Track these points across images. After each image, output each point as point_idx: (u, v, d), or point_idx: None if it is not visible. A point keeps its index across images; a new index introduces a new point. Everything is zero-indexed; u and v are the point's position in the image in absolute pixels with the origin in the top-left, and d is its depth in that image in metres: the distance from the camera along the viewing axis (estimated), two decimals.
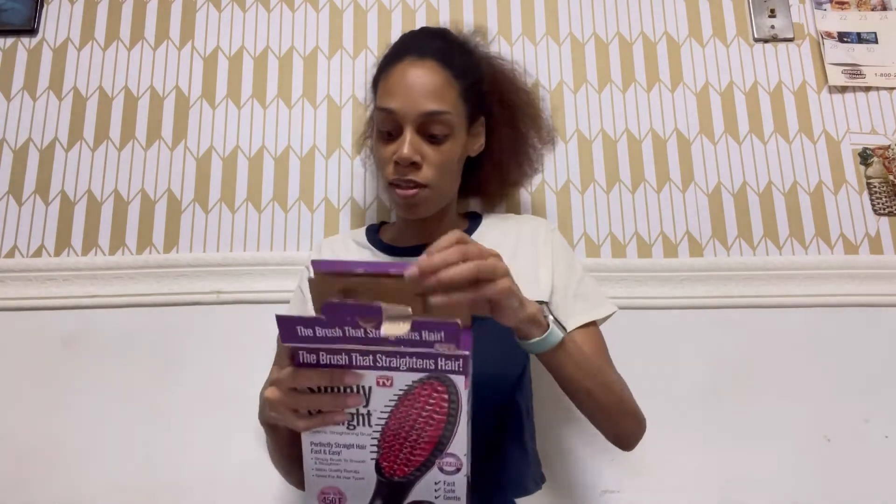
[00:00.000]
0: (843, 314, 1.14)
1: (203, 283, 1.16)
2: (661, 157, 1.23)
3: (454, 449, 0.63)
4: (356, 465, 0.64)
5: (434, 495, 0.64)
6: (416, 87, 0.84)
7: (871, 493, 1.06)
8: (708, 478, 1.08)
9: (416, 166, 0.84)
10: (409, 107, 0.83)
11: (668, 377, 1.11)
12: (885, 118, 1.25)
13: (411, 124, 0.84)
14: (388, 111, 0.85)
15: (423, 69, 0.85)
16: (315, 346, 0.60)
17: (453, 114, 0.85)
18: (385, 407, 0.63)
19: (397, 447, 0.64)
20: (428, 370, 0.61)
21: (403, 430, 0.63)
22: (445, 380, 0.61)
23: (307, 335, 0.59)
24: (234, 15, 1.30)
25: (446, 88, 0.85)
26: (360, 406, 0.62)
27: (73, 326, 1.14)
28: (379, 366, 0.61)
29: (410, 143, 0.83)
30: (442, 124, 0.84)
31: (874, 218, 1.20)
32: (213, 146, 1.23)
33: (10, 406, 1.11)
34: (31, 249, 1.19)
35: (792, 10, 1.31)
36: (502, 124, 0.98)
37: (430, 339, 0.59)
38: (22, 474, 1.08)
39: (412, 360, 0.61)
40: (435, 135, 0.85)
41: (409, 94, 0.84)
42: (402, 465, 0.64)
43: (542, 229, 0.96)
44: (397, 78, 0.85)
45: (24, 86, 1.27)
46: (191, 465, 1.07)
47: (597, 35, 1.29)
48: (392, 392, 0.62)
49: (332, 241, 1.04)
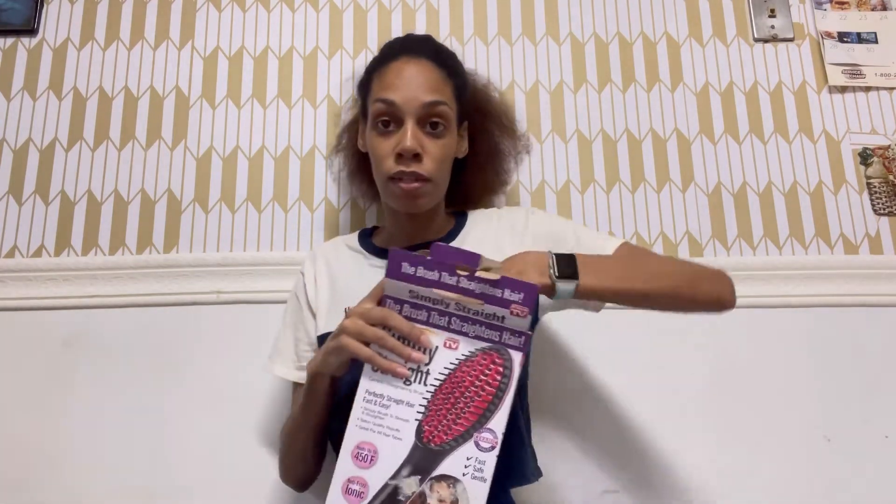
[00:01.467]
0: (843, 314, 1.14)
1: (203, 283, 1.15)
2: (661, 157, 1.23)
3: (494, 425, 0.66)
4: (400, 423, 0.67)
5: (463, 471, 0.65)
6: (415, 79, 0.86)
7: (871, 493, 1.06)
8: (708, 478, 1.08)
9: (418, 158, 0.85)
10: (409, 97, 0.85)
11: (668, 377, 1.11)
12: (885, 118, 1.25)
13: (412, 116, 0.85)
14: (388, 102, 0.86)
15: (420, 66, 0.87)
16: (411, 290, 0.67)
17: (450, 107, 0.88)
18: (444, 369, 0.67)
19: (444, 411, 0.66)
20: (492, 341, 0.67)
21: (454, 395, 0.66)
22: (504, 353, 0.67)
23: (409, 273, 0.67)
24: (234, 15, 1.30)
25: (442, 83, 0.88)
26: (422, 363, 0.67)
27: (73, 326, 1.14)
28: (451, 328, 0.68)
29: (413, 134, 0.84)
30: (441, 116, 0.86)
31: (874, 218, 1.20)
32: (213, 146, 1.23)
33: (10, 406, 1.11)
34: (31, 249, 1.19)
35: (792, 10, 1.31)
36: (482, 131, 1.01)
37: (509, 297, 0.66)
38: (22, 474, 1.08)
39: (481, 328, 0.67)
40: (435, 127, 0.86)
41: (409, 86, 0.85)
42: (443, 431, 0.66)
43: (520, 220, 0.96)
44: (395, 72, 0.87)
45: (24, 86, 1.27)
46: (190, 465, 1.07)
47: (597, 35, 1.29)
48: (455, 355, 0.67)
49: (326, 246, 1.04)
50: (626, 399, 1.10)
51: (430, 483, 0.65)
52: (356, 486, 0.66)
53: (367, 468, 0.66)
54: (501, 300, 0.66)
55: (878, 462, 1.08)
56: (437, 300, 0.68)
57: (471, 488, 0.64)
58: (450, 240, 0.95)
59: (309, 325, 0.94)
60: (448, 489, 0.65)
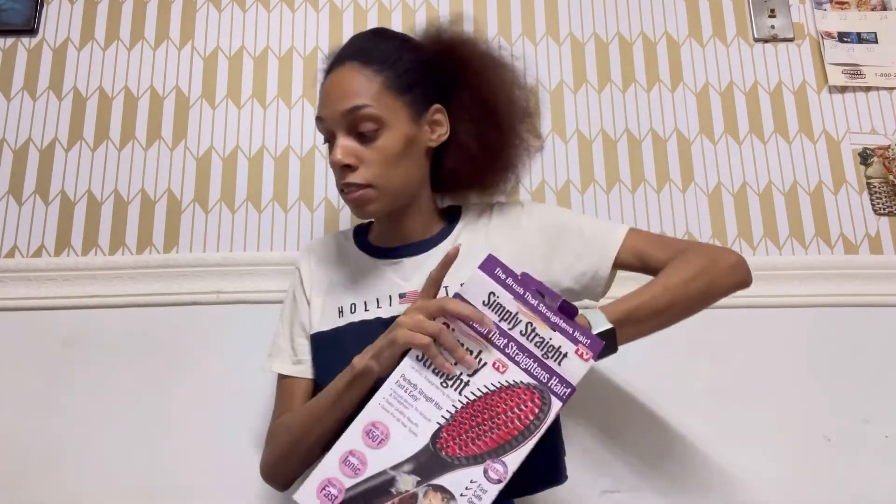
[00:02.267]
0: (843, 314, 1.14)
1: (203, 283, 1.16)
2: (661, 157, 1.23)
3: (509, 460, 0.65)
4: (422, 419, 0.67)
5: (462, 492, 0.64)
6: (335, 90, 0.85)
7: (871, 493, 1.06)
8: (708, 478, 1.08)
9: (350, 169, 0.84)
10: (331, 111, 0.85)
11: (668, 377, 1.11)
12: (885, 118, 1.25)
13: (339, 127, 0.84)
14: (319, 120, 0.87)
15: (342, 73, 0.86)
16: (492, 292, 0.69)
17: (376, 105, 0.84)
18: (484, 387, 0.67)
19: (467, 427, 0.66)
20: (539, 381, 0.67)
21: (483, 415, 0.67)
22: (546, 397, 0.67)
23: (500, 278, 0.69)
24: (234, 15, 1.30)
25: (364, 84, 0.84)
26: (465, 372, 0.68)
27: (73, 326, 1.14)
28: (505, 352, 0.68)
29: (340, 146, 0.84)
30: (366, 119, 0.83)
31: (874, 218, 1.20)
32: (213, 146, 1.23)
33: (10, 406, 1.11)
34: (31, 249, 1.19)
35: (792, 10, 1.31)
36: (467, 109, 0.91)
37: (577, 337, 0.68)
38: (22, 474, 1.08)
39: (533, 363, 0.68)
40: (364, 132, 0.84)
41: (331, 100, 0.85)
42: (459, 445, 0.66)
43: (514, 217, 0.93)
44: (324, 89, 0.88)
45: (24, 86, 1.27)
46: (190, 465, 1.07)
47: (597, 35, 1.29)
48: (499, 378, 0.68)
49: (320, 242, 1.02)
50: (627, 399, 1.10)
51: (426, 488, 0.64)
52: (355, 460, 0.66)
53: (373, 448, 0.66)
54: (572, 336, 0.68)
55: (878, 462, 1.08)
56: (505, 317, 0.68)
57: None
58: (437, 242, 0.92)
59: (305, 318, 0.93)
60: (441, 502, 0.64)
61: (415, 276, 0.89)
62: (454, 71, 0.91)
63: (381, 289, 0.89)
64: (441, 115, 0.90)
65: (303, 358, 0.91)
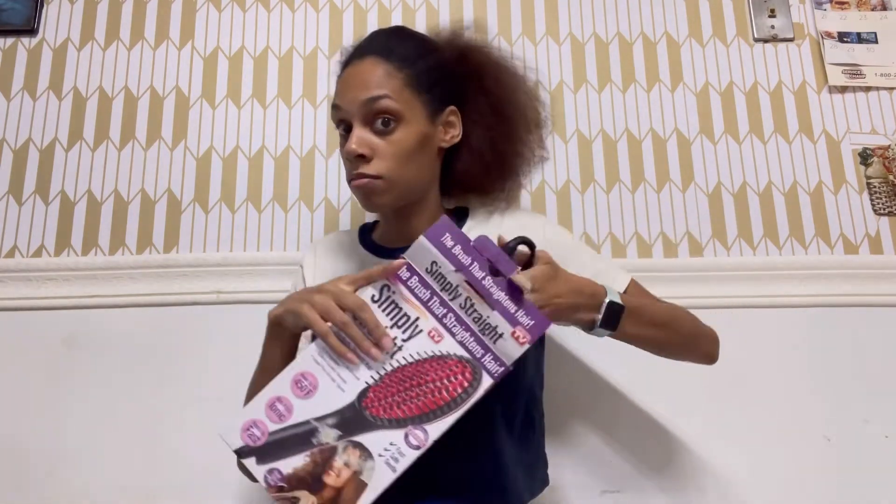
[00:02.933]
0: (843, 314, 1.14)
1: (203, 283, 1.16)
2: (661, 157, 1.23)
3: (431, 429, 0.65)
4: (351, 377, 0.67)
5: (380, 452, 0.65)
6: (356, 81, 0.85)
7: (871, 493, 1.06)
8: (708, 477, 1.08)
9: (364, 159, 0.84)
10: (349, 99, 0.85)
11: (668, 377, 1.11)
12: (885, 118, 1.25)
13: (356, 117, 0.84)
14: (335, 108, 0.87)
15: (363, 66, 0.86)
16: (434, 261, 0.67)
17: (396, 99, 0.84)
18: (416, 353, 0.67)
19: (394, 390, 0.66)
20: (473, 355, 0.66)
21: (412, 381, 0.66)
22: (478, 372, 0.66)
23: (446, 244, 0.67)
24: (234, 15, 1.30)
25: (386, 77, 0.85)
26: (400, 336, 0.67)
27: (73, 326, 1.14)
28: (443, 322, 0.67)
29: (356, 136, 0.84)
30: (385, 111, 0.83)
31: (874, 218, 1.20)
32: (213, 146, 1.23)
33: (10, 406, 1.11)
34: (31, 249, 1.19)
35: (792, 10, 1.31)
36: (481, 114, 0.93)
37: (520, 319, 0.66)
38: (22, 474, 1.08)
39: (470, 337, 0.67)
40: (382, 124, 0.84)
41: (350, 88, 0.85)
42: (384, 407, 0.66)
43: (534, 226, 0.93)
44: (343, 78, 0.88)
45: (24, 86, 1.27)
46: (190, 465, 1.07)
47: (597, 35, 1.29)
48: (433, 347, 0.67)
49: (326, 240, 1.02)
50: (627, 399, 1.10)
51: (346, 443, 0.65)
52: (282, 406, 0.66)
53: (300, 397, 0.66)
54: (512, 317, 0.66)
55: (878, 462, 1.08)
56: (446, 287, 0.67)
57: (378, 470, 0.64)
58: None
59: None
60: (358, 458, 0.65)
61: None
62: (471, 75, 0.93)
63: None
64: (455, 117, 0.91)
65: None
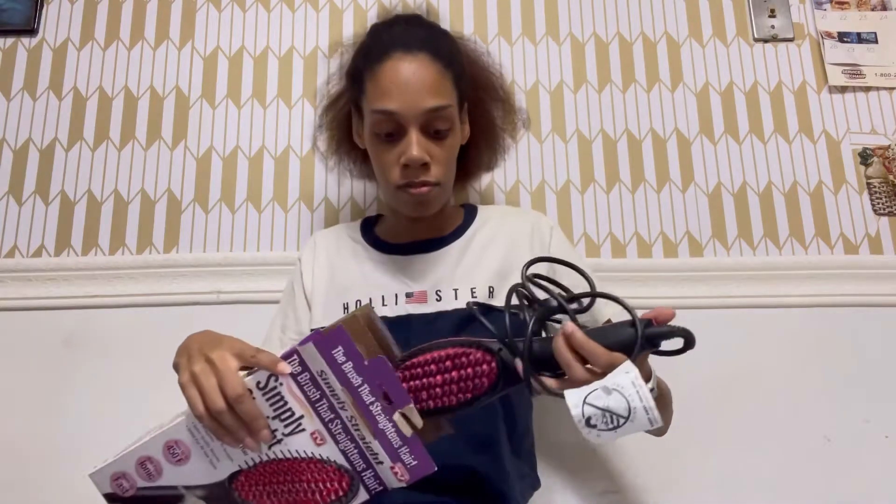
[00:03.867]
0: (843, 314, 1.14)
1: (203, 283, 1.16)
2: (661, 157, 1.23)
3: None
4: (224, 456, 0.64)
5: None
6: (413, 83, 0.78)
7: (871, 493, 1.06)
8: (708, 477, 1.08)
9: (426, 167, 0.81)
10: (410, 105, 0.78)
11: (668, 377, 1.11)
12: (885, 118, 1.25)
13: (415, 123, 0.79)
14: (387, 113, 0.80)
15: (415, 63, 0.79)
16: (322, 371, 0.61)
17: (454, 106, 0.82)
18: (295, 451, 0.63)
19: (266, 480, 0.64)
20: (354, 468, 0.62)
21: (286, 476, 0.63)
22: (355, 485, 0.63)
23: (337, 360, 0.60)
24: (234, 15, 1.30)
25: (442, 80, 0.81)
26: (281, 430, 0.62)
27: (73, 326, 1.14)
28: (329, 427, 0.62)
29: (418, 143, 0.79)
30: (445, 119, 0.81)
31: (874, 218, 1.20)
32: (213, 146, 1.23)
33: (10, 406, 1.11)
34: (31, 249, 1.19)
35: (792, 10, 1.31)
36: (477, 106, 0.94)
37: (403, 457, 0.61)
38: (22, 474, 1.08)
39: (354, 450, 0.62)
40: (439, 131, 0.81)
41: (408, 92, 0.78)
42: (254, 494, 0.64)
43: (543, 229, 0.95)
44: (390, 76, 0.79)
45: (24, 86, 1.27)
46: None
47: (597, 35, 1.29)
48: (313, 449, 0.63)
49: (327, 234, 1.01)
50: None
51: None
52: (152, 467, 0.64)
53: (171, 463, 0.64)
54: (394, 452, 0.61)
55: (878, 462, 1.08)
56: (335, 395, 0.62)
57: None
58: (457, 237, 0.92)
59: (301, 312, 0.93)
60: None
61: (424, 274, 0.88)
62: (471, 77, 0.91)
63: (388, 286, 0.88)
64: (466, 114, 0.91)
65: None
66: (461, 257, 0.90)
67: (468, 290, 0.86)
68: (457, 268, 0.89)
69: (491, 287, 0.86)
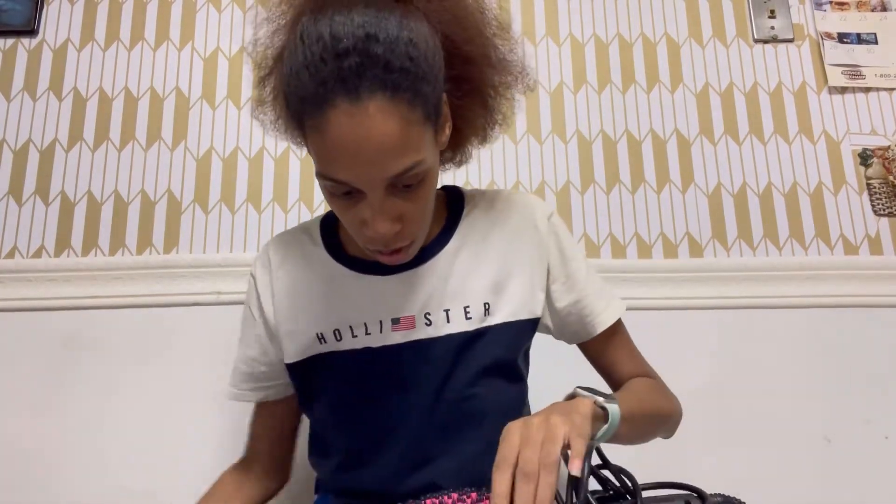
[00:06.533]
0: (843, 314, 1.14)
1: (203, 284, 1.16)
2: (661, 158, 1.23)
3: None
4: None
5: None
6: (367, 149, 0.59)
7: (871, 493, 1.06)
8: (708, 478, 1.07)
9: (397, 233, 0.66)
10: (366, 177, 0.61)
11: (668, 378, 1.11)
12: (884, 119, 1.25)
13: (376, 190, 0.62)
14: (338, 183, 0.63)
15: (367, 120, 0.58)
16: None
17: (428, 157, 0.63)
18: None
19: None
20: None
21: None
22: None
23: None
24: (234, 15, 1.30)
25: (408, 129, 0.60)
26: None
27: (73, 326, 1.14)
28: None
29: (383, 212, 0.63)
30: (415, 175, 0.63)
31: (874, 218, 1.20)
32: (213, 146, 1.23)
33: (10, 406, 1.11)
34: (31, 250, 1.19)
35: (792, 11, 1.31)
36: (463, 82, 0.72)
37: None
38: (22, 474, 1.08)
39: None
40: (409, 185, 0.64)
41: (361, 163, 0.60)
42: None
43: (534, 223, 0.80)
44: (335, 137, 0.59)
45: (24, 86, 1.27)
46: (191, 465, 1.07)
47: (597, 35, 1.29)
48: None
49: (282, 245, 0.83)
50: None
51: None
52: None
53: None
54: None
55: (878, 462, 1.08)
56: None
57: None
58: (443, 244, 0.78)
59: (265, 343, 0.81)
60: None
61: (408, 296, 0.75)
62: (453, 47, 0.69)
63: (370, 312, 0.75)
64: (445, 107, 0.70)
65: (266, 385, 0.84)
66: (450, 269, 0.76)
67: (461, 309, 0.76)
68: (446, 284, 0.76)
69: (486, 304, 0.76)
